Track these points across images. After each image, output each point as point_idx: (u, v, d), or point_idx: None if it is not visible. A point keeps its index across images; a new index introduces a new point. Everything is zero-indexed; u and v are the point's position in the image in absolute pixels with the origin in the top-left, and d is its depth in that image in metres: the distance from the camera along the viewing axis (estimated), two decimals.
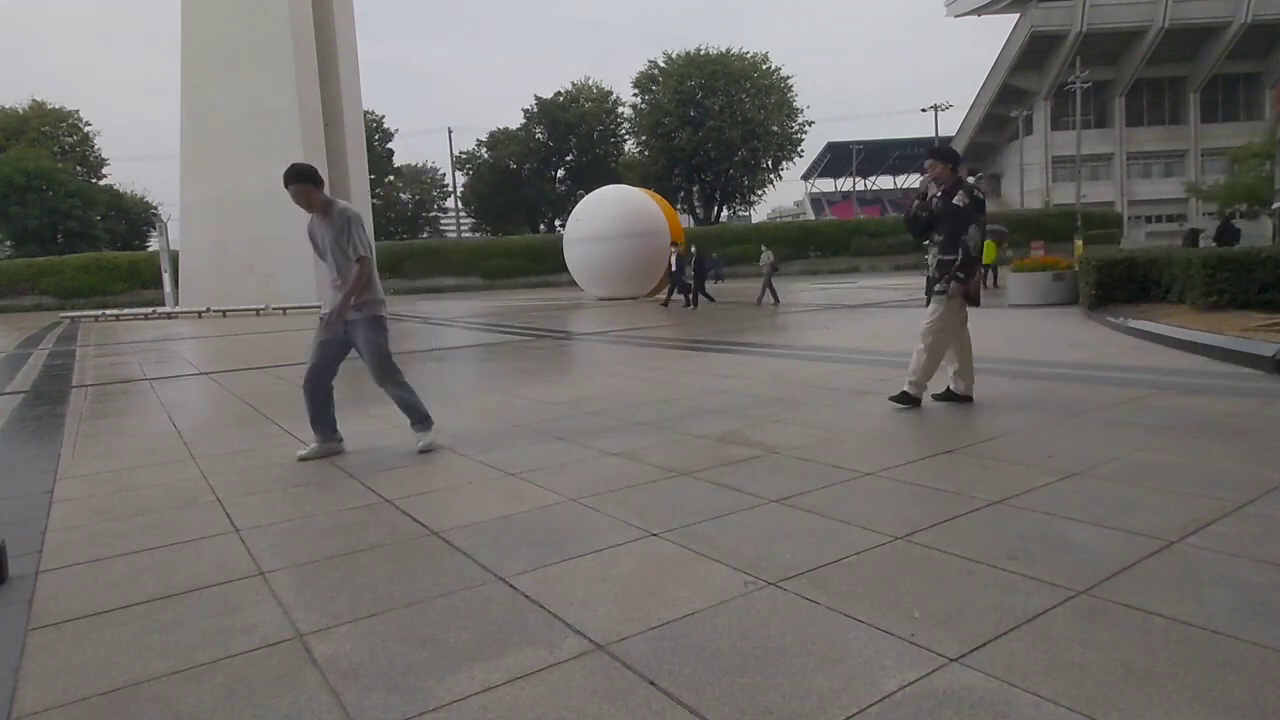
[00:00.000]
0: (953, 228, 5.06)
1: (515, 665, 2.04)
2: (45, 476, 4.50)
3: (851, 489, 3.45)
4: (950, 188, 5.11)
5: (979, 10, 61.60)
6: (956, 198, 5.06)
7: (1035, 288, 13.50)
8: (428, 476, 4.07)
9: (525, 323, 16.13)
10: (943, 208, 5.13)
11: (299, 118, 27.68)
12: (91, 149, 56.37)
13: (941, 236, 5.13)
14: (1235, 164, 39.70)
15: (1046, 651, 1.96)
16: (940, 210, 5.15)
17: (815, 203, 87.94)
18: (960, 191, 5.07)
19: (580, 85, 59.94)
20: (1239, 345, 6.53)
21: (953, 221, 5.05)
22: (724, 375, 7.18)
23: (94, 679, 2.09)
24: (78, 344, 16.71)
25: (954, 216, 5.05)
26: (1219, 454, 3.71)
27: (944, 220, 5.13)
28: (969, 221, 5.05)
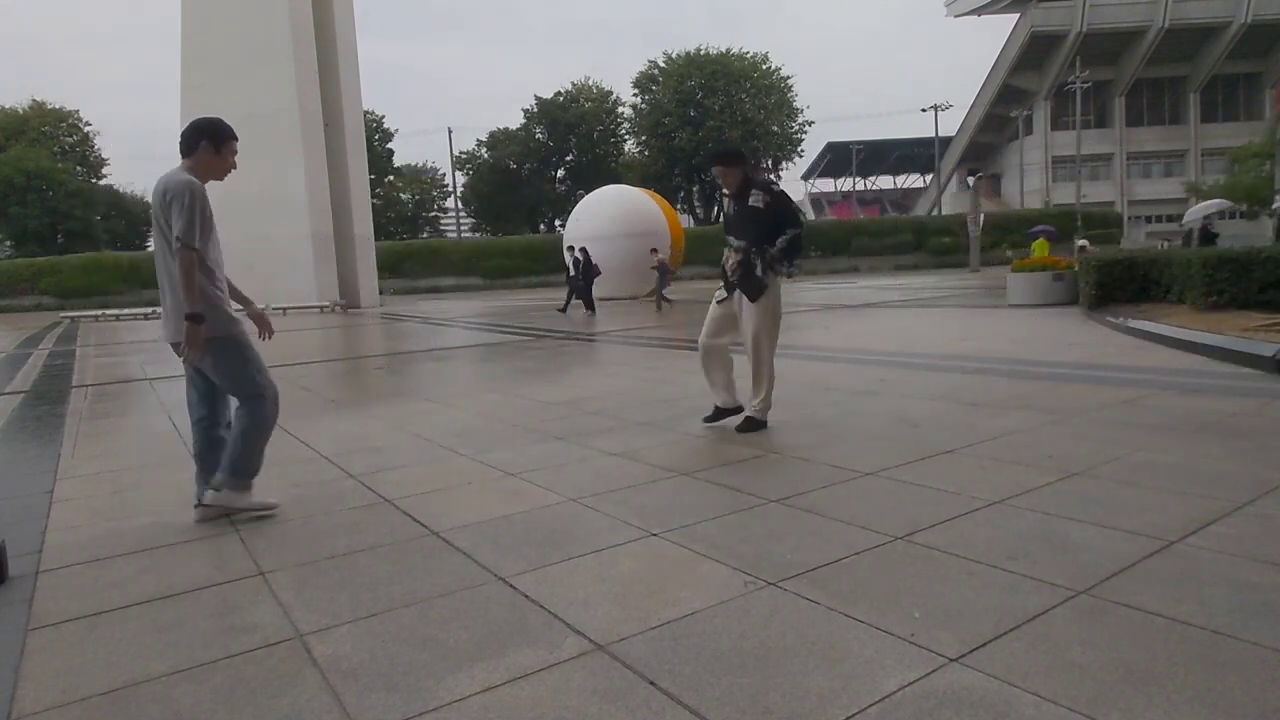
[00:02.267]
0: (759, 230, 4.54)
1: (515, 665, 2.04)
2: (45, 476, 4.50)
3: (851, 489, 3.45)
4: (741, 189, 4.64)
5: (979, 10, 61.62)
6: (753, 198, 4.57)
7: (1035, 288, 13.50)
8: (428, 476, 4.07)
9: (525, 323, 16.13)
10: (737, 211, 4.67)
11: (299, 118, 27.66)
12: (91, 149, 56.34)
13: (744, 241, 4.58)
14: (1235, 164, 39.71)
15: (1046, 651, 1.96)
16: (734, 215, 4.70)
17: (815, 203, 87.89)
18: (755, 191, 4.58)
19: (580, 85, 59.96)
20: (1239, 345, 6.53)
21: (757, 223, 4.55)
22: None
23: (94, 679, 2.09)
24: (78, 344, 16.71)
25: (757, 218, 4.55)
26: (1219, 454, 3.71)
27: (744, 223, 4.61)
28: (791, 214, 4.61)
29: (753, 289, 4.57)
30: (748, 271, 4.55)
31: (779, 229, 4.53)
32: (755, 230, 4.55)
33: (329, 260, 28.50)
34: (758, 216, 4.55)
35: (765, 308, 4.60)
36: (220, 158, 3.59)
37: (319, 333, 17.20)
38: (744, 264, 4.55)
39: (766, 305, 4.60)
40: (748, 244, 4.54)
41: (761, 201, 4.55)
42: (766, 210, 4.54)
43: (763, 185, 4.61)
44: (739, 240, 4.61)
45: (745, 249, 4.55)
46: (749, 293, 4.57)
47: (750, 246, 4.54)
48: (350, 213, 29.34)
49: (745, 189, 4.61)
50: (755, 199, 4.55)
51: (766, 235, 4.54)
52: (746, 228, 4.58)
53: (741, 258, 4.56)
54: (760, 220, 4.55)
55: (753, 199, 4.56)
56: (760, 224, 4.56)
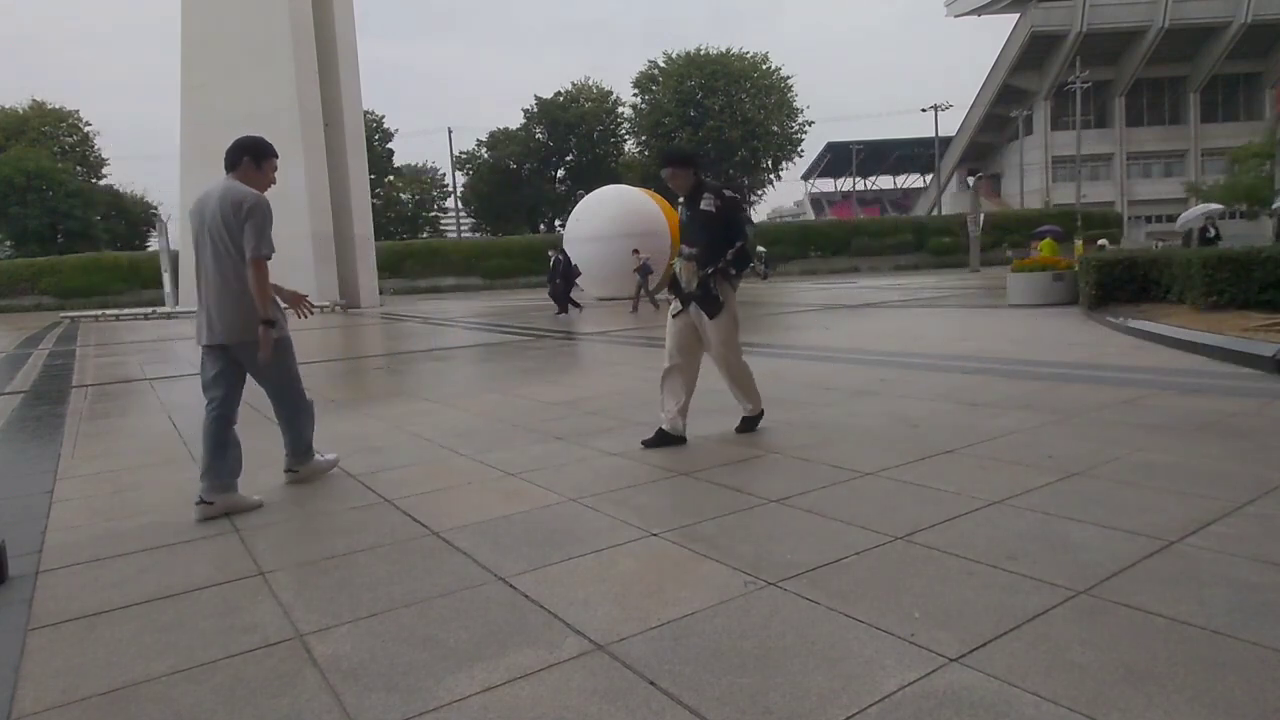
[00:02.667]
0: (710, 236, 4.38)
1: (515, 665, 2.04)
2: (45, 476, 4.50)
3: (851, 489, 3.45)
4: (693, 192, 4.45)
5: (979, 10, 61.61)
6: (704, 202, 4.39)
7: (1035, 288, 13.50)
8: (428, 476, 4.07)
9: (525, 323, 16.13)
10: (689, 216, 4.50)
11: (299, 118, 27.66)
12: (91, 149, 56.32)
13: (695, 249, 4.42)
14: (1235, 164, 39.71)
15: (1046, 651, 1.96)
16: (687, 220, 4.53)
17: (815, 203, 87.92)
18: (707, 194, 4.41)
19: (580, 85, 59.93)
20: (1239, 345, 6.53)
21: (708, 228, 4.39)
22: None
23: (94, 679, 2.09)
24: (78, 344, 16.71)
25: (708, 223, 4.39)
26: (1219, 454, 3.71)
27: (696, 228, 4.45)
28: (739, 222, 4.44)
29: (711, 307, 4.41)
30: (705, 292, 4.38)
31: (729, 235, 4.38)
32: (707, 236, 4.39)
33: (329, 260, 28.49)
34: (709, 221, 4.39)
35: (725, 322, 4.46)
36: (261, 172, 3.87)
37: (319, 333, 17.19)
38: (702, 283, 4.38)
39: (727, 317, 4.46)
40: (700, 251, 4.40)
41: (713, 205, 4.38)
42: (718, 215, 4.38)
43: (714, 189, 4.44)
44: (690, 247, 4.45)
45: (697, 257, 4.40)
46: (708, 311, 4.42)
47: (702, 256, 4.39)
48: (350, 213, 29.33)
49: (697, 192, 4.44)
50: (707, 202, 4.39)
51: (719, 242, 4.39)
52: (699, 233, 4.43)
53: (699, 275, 4.39)
54: (711, 226, 4.38)
55: (704, 202, 4.39)
56: (711, 230, 4.38)
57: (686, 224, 4.54)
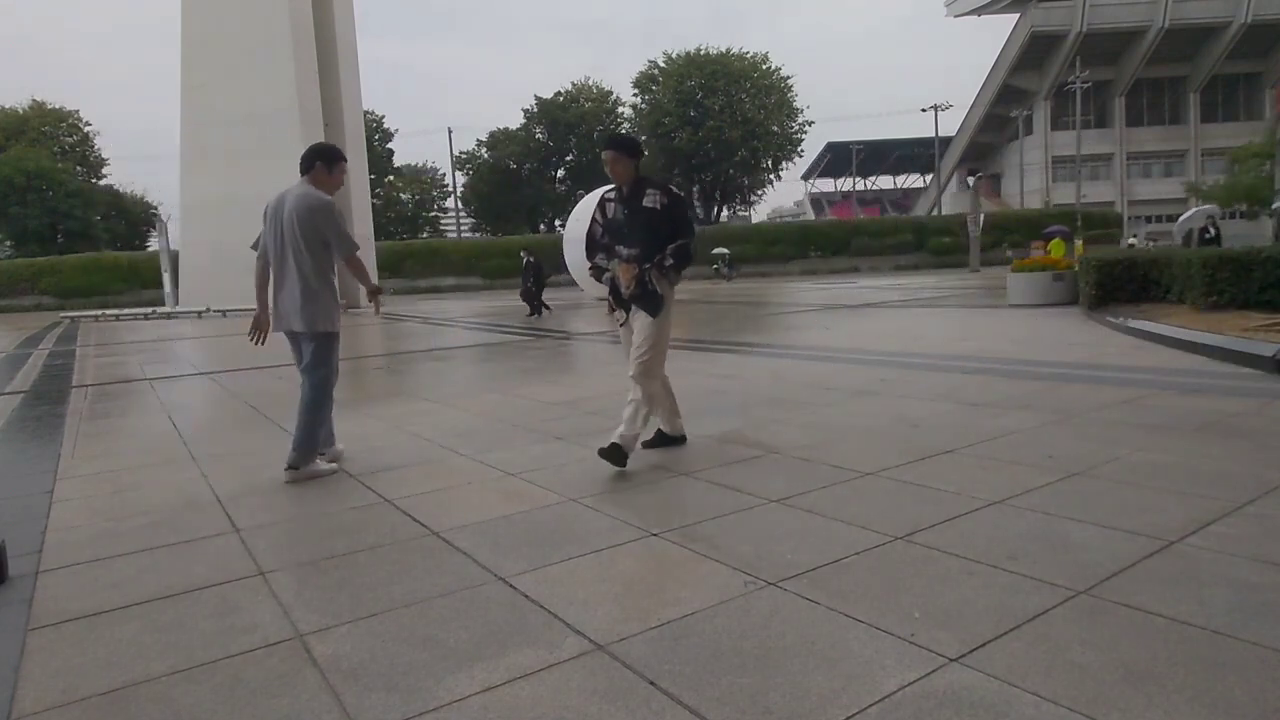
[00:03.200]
0: (654, 236, 4.02)
1: (515, 665, 2.04)
2: (45, 476, 4.50)
3: (851, 489, 3.45)
4: (634, 188, 4.10)
5: (979, 10, 61.58)
6: (647, 198, 4.04)
7: (1035, 288, 13.50)
8: (428, 476, 4.07)
9: (525, 323, 16.12)
10: (628, 214, 4.11)
11: (299, 118, 27.66)
12: (91, 149, 56.31)
13: (635, 249, 4.05)
14: (1235, 164, 39.69)
15: (1046, 651, 1.96)
16: (624, 219, 4.13)
17: (815, 203, 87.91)
18: (651, 190, 4.06)
19: (580, 85, 59.92)
20: (1239, 345, 6.53)
21: (652, 228, 4.02)
22: (724, 375, 7.18)
23: (94, 679, 2.09)
24: (78, 344, 16.71)
25: (652, 222, 4.02)
26: (1219, 454, 3.71)
27: (636, 227, 4.07)
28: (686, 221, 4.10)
29: (654, 305, 4.07)
30: (645, 288, 4.04)
31: (675, 235, 4.04)
32: (649, 236, 4.03)
33: None
34: (651, 220, 4.03)
35: (663, 322, 4.14)
36: (331, 176, 4.23)
37: None
38: (640, 280, 4.03)
39: (663, 319, 4.14)
40: (640, 252, 4.03)
41: (658, 203, 4.02)
42: (664, 213, 4.02)
43: (659, 185, 4.09)
44: (629, 248, 4.07)
45: (638, 258, 4.03)
46: (649, 309, 4.07)
47: (642, 257, 4.03)
48: (350, 213, 29.27)
49: (639, 188, 4.09)
50: (651, 199, 4.03)
51: (662, 241, 4.02)
52: (638, 233, 4.06)
53: (637, 273, 4.02)
54: (655, 225, 4.03)
55: (647, 199, 4.04)
56: (656, 229, 4.03)
57: (622, 223, 4.14)
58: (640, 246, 4.04)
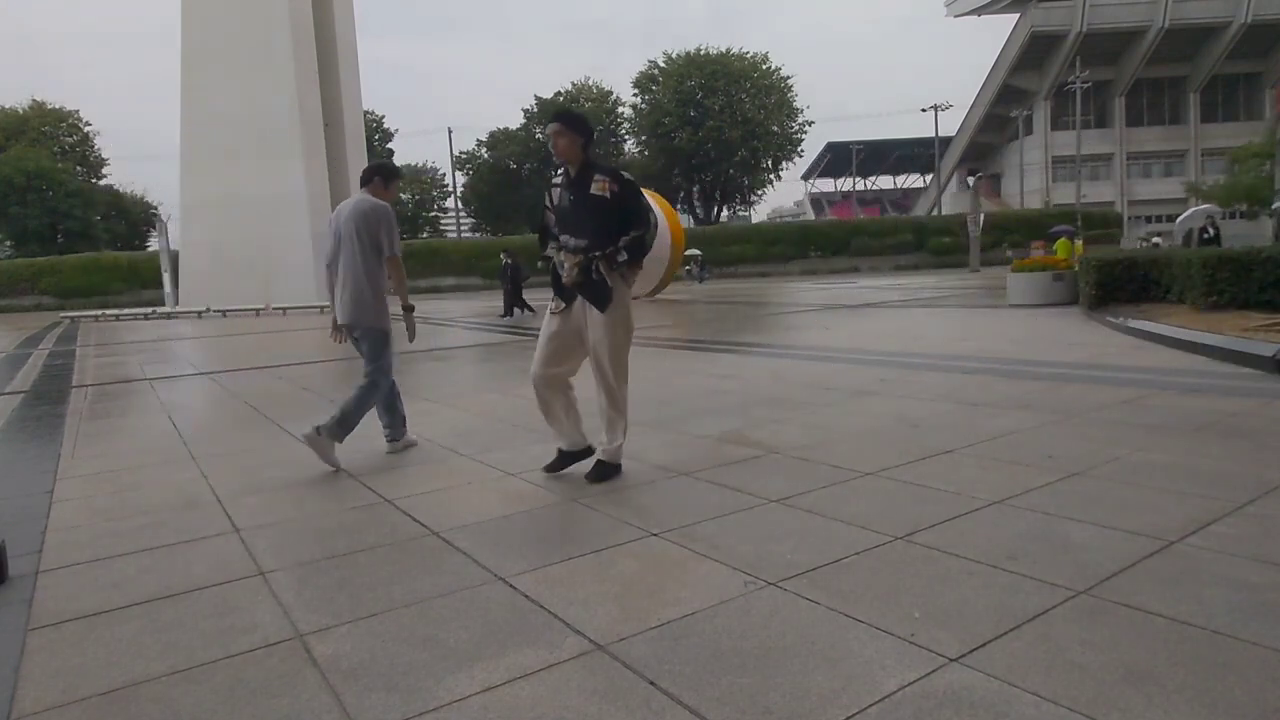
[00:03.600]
0: (603, 225, 3.67)
1: (515, 665, 2.04)
2: (45, 476, 4.50)
3: (851, 489, 3.45)
4: (582, 172, 3.73)
5: (979, 10, 61.57)
6: (595, 185, 3.65)
7: (1035, 288, 13.50)
8: (428, 476, 4.07)
9: (525, 323, 16.12)
10: (574, 201, 3.73)
11: (299, 118, 27.68)
12: (91, 149, 56.32)
13: (583, 239, 3.68)
14: (1235, 164, 39.68)
15: (1046, 651, 1.96)
16: (570, 206, 3.75)
17: (815, 203, 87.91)
18: (600, 176, 3.68)
19: (580, 85, 59.92)
20: (1239, 345, 6.53)
21: (601, 216, 3.66)
22: (724, 375, 7.18)
23: (94, 679, 2.09)
24: (78, 344, 16.71)
25: (600, 210, 3.66)
26: (1219, 454, 3.71)
27: (584, 216, 3.70)
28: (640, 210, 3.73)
29: (600, 296, 3.68)
30: (589, 276, 3.67)
31: (626, 227, 3.68)
32: (597, 225, 3.67)
33: None
34: (601, 208, 3.65)
35: (616, 319, 3.74)
36: (388, 190, 4.67)
37: (319, 333, 17.20)
38: (584, 268, 3.66)
39: (618, 316, 3.74)
40: (589, 242, 3.67)
41: (607, 190, 3.64)
42: (613, 201, 3.64)
43: (609, 171, 3.71)
44: (577, 239, 3.71)
45: (586, 249, 3.67)
46: (596, 301, 3.69)
47: (591, 247, 3.67)
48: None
49: (586, 173, 3.72)
50: (599, 186, 3.65)
51: (612, 232, 3.67)
52: (586, 222, 3.70)
53: (581, 260, 3.67)
54: (604, 213, 3.66)
55: (595, 185, 3.66)
56: (605, 217, 3.66)
57: (567, 210, 3.77)
58: (589, 237, 3.68)
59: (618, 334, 3.77)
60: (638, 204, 3.74)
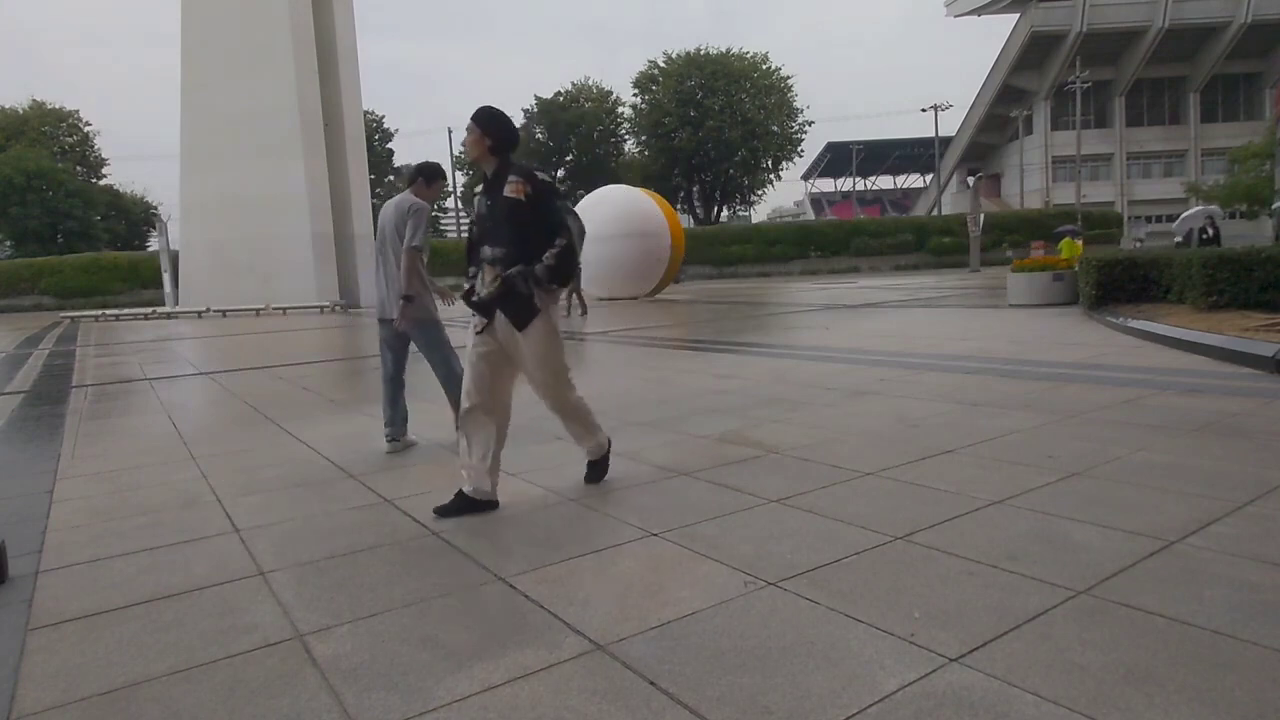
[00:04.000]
0: (519, 232, 3.33)
1: (515, 665, 2.04)
2: (45, 476, 4.50)
3: (851, 489, 3.45)
4: (496, 174, 3.42)
5: (979, 10, 61.56)
6: (509, 187, 3.34)
7: (1035, 288, 13.50)
8: (428, 476, 4.07)
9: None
10: (490, 206, 3.42)
11: (299, 118, 27.67)
12: (91, 149, 56.34)
13: (501, 248, 3.36)
14: (1235, 164, 39.68)
15: (1046, 651, 1.96)
16: (487, 213, 3.44)
17: (815, 203, 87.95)
18: (514, 178, 3.35)
19: (580, 85, 59.93)
20: (1239, 345, 6.53)
21: (516, 222, 3.34)
22: (724, 375, 7.18)
23: (94, 679, 2.09)
24: (78, 344, 16.71)
25: (515, 215, 3.33)
26: (1219, 454, 3.71)
27: (500, 222, 3.38)
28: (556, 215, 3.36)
29: (520, 312, 3.37)
30: (509, 289, 3.34)
31: (548, 232, 3.35)
32: (516, 235, 3.34)
33: (329, 260, 28.50)
34: (516, 213, 3.33)
35: (541, 335, 3.42)
36: (431, 190, 4.79)
37: (319, 333, 17.20)
38: (505, 281, 3.33)
39: (543, 332, 3.42)
40: (507, 254, 3.35)
41: (520, 192, 3.32)
42: (528, 205, 3.33)
43: (523, 171, 3.37)
44: (494, 248, 3.38)
45: (504, 259, 3.36)
46: (516, 318, 3.37)
47: (510, 258, 3.35)
48: (350, 213, 29.36)
49: (501, 175, 3.40)
50: (512, 188, 3.33)
51: (532, 240, 3.34)
52: (503, 229, 3.37)
53: (499, 271, 3.35)
54: (519, 218, 3.33)
55: (508, 188, 3.34)
56: (520, 224, 3.34)
57: (485, 218, 3.45)
58: (506, 246, 3.35)
59: (550, 350, 3.49)
60: (555, 207, 3.39)
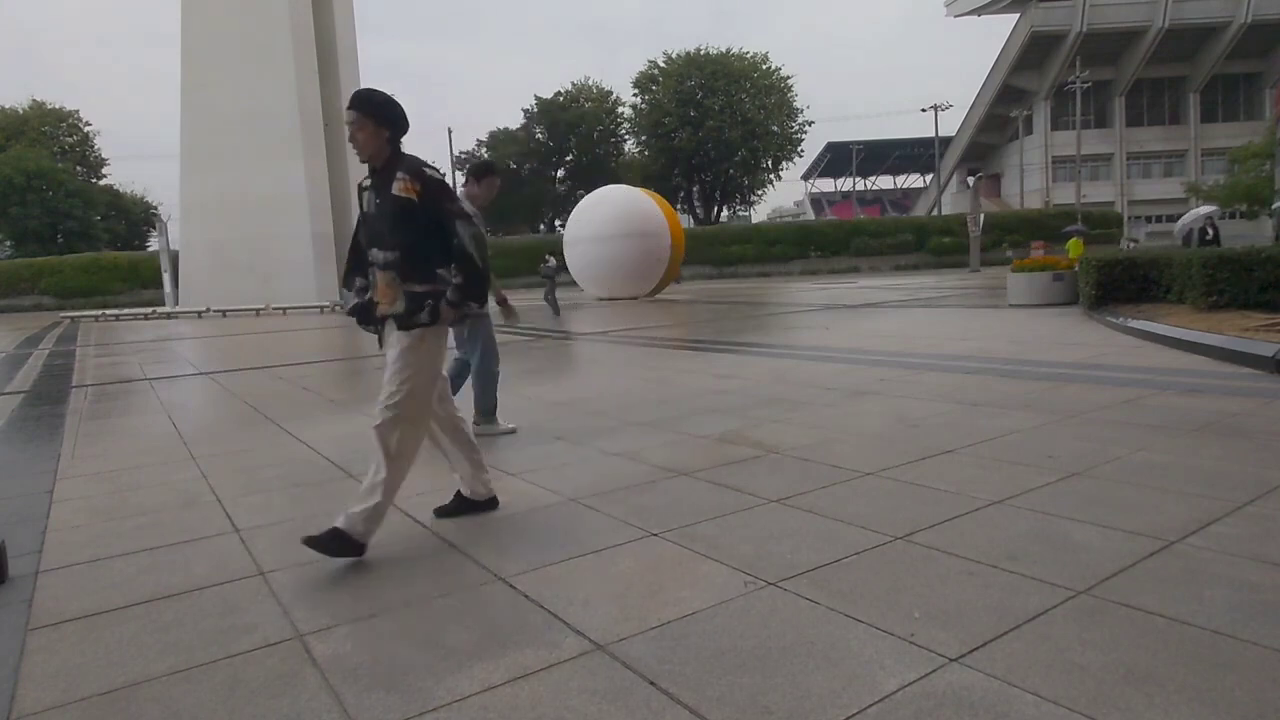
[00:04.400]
0: (411, 236, 2.94)
1: (515, 665, 2.04)
2: (45, 476, 4.50)
3: (851, 489, 3.45)
4: (385, 170, 2.98)
5: (979, 10, 61.57)
6: (397, 184, 2.92)
7: (1035, 288, 13.50)
8: (428, 477, 4.07)
9: (525, 323, 16.13)
10: (379, 205, 3.00)
11: (299, 118, 27.70)
12: (91, 149, 56.37)
13: (393, 252, 2.95)
14: (1235, 164, 39.68)
15: (1046, 651, 1.96)
16: (374, 213, 3.02)
17: (815, 203, 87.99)
18: (402, 174, 2.93)
19: (580, 85, 59.93)
20: (1239, 345, 6.53)
21: (406, 225, 2.94)
22: (724, 375, 7.18)
23: (94, 679, 2.09)
24: (78, 344, 16.71)
25: (405, 217, 2.93)
26: (1219, 454, 3.71)
27: (389, 224, 2.96)
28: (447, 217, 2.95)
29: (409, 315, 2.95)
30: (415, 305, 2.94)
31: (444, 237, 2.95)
32: (405, 236, 2.94)
33: (329, 260, 28.51)
34: (408, 214, 2.93)
35: (425, 349, 3.00)
36: (481, 188, 4.83)
37: (319, 333, 17.21)
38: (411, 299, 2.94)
39: (422, 344, 2.99)
40: (400, 258, 2.95)
41: (409, 190, 2.92)
42: (421, 206, 2.93)
43: (412, 167, 2.96)
44: (386, 252, 2.97)
45: (396, 265, 2.95)
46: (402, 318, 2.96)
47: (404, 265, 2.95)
48: (350, 213, 29.29)
49: (390, 171, 2.98)
50: (400, 186, 2.92)
51: (424, 245, 2.96)
52: (393, 232, 2.96)
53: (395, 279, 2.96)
54: (411, 220, 2.94)
55: (396, 185, 2.93)
56: (411, 226, 2.94)
57: (375, 219, 3.03)
58: (399, 250, 2.96)
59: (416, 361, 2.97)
60: (451, 209, 2.96)
